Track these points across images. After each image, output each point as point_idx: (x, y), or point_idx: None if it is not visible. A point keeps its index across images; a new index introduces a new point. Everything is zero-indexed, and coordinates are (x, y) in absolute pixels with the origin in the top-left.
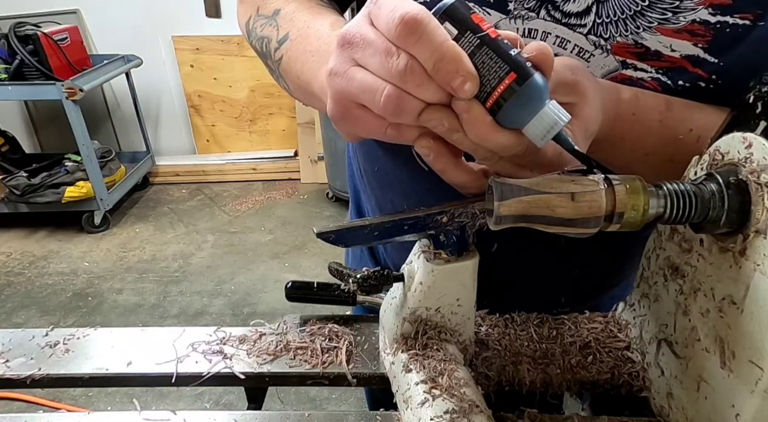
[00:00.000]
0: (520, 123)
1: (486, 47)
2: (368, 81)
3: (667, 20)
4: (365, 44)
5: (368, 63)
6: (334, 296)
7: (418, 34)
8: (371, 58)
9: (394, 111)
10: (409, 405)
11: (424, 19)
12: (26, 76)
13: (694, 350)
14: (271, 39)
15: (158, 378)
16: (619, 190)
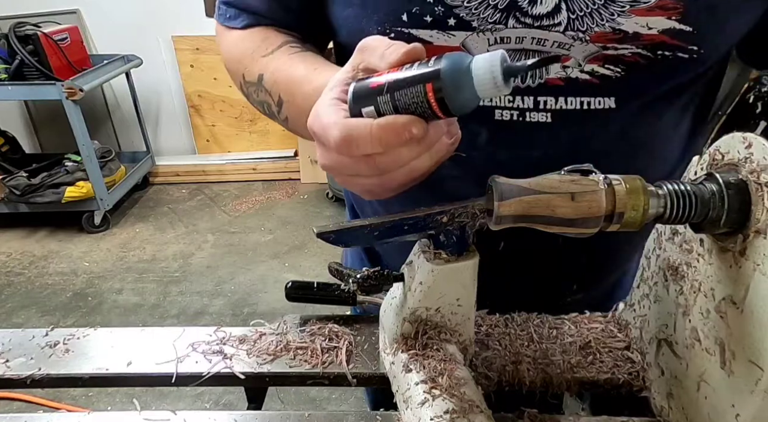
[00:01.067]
0: (477, 96)
1: (397, 92)
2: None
3: (638, 1)
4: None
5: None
6: (334, 296)
7: (354, 145)
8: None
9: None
10: (409, 405)
11: (348, 135)
12: (26, 76)
13: (694, 350)
14: (270, 104)
15: (158, 378)
16: (619, 190)
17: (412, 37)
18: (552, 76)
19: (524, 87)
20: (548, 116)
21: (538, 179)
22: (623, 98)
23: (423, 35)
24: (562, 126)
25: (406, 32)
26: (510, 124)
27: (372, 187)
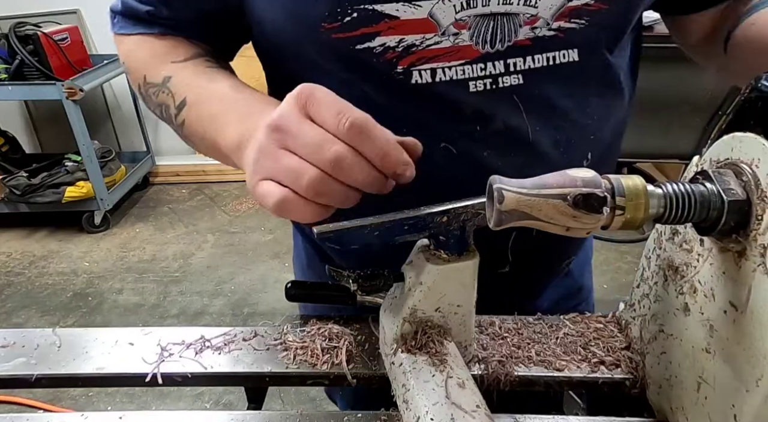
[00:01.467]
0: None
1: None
2: (294, 165)
3: None
4: (299, 134)
5: (298, 150)
6: (334, 296)
7: (365, 133)
8: (302, 147)
9: (316, 193)
10: (409, 406)
11: (369, 121)
12: (26, 76)
13: (695, 350)
14: (168, 105)
15: (158, 377)
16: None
17: (376, 12)
18: (521, 37)
19: (493, 51)
20: (519, 77)
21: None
22: (585, 49)
23: (388, 9)
24: (533, 85)
25: (370, 9)
26: (485, 93)
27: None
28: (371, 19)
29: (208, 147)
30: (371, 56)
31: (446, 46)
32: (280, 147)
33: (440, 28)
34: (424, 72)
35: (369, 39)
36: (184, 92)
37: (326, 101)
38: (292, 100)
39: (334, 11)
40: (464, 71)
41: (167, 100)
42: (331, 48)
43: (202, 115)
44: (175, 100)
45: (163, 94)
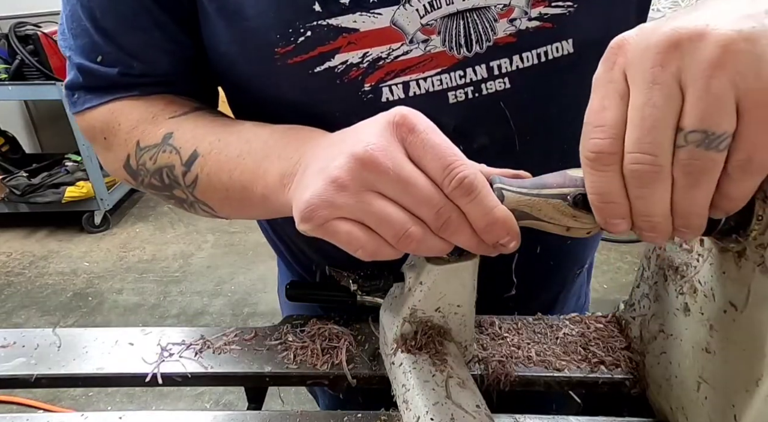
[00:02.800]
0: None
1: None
2: (390, 214)
3: None
4: (399, 180)
5: (397, 198)
6: (334, 296)
7: (474, 195)
8: (402, 196)
9: (416, 249)
10: (409, 406)
11: (480, 182)
12: (26, 76)
13: (695, 350)
14: (173, 165)
15: (158, 377)
16: None
17: (331, 27)
18: (501, 34)
19: (472, 55)
20: (505, 81)
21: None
22: (581, 39)
23: (345, 22)
24: (523, 88)
25: (324, 24)
26: (466, 104)
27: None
28: (327, 36)
29: (235, 197)
30: (334, 77)
31: (417, 55)
32: (368, 188)
33: (407, 36)
34: (396, 87)
35: (328, 58)
36: (194, 144)
37: (432, 143)
38: (388, 129)
39: (285, 32)
40: (441, 81)
41: (170, 160)
42: (289, 77)
43: (223, 163)
44: (182, 156)
45: (165, 153)
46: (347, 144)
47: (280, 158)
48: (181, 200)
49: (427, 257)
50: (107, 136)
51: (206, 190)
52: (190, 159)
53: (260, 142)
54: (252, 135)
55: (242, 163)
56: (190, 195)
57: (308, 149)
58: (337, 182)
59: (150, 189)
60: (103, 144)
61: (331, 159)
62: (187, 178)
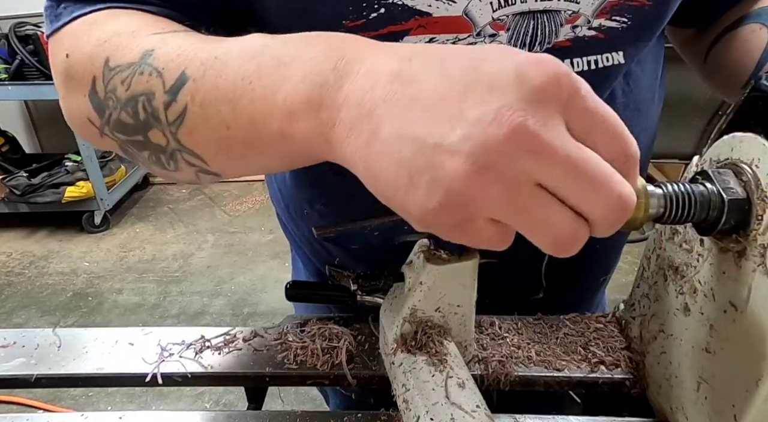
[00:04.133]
0: None
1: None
2: (554, 215)
3: None
4: (566, 160)
5: (560, 187)
6: (334, 296)
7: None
8: (572, 184)
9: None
10: (409, 406)
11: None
12: (26, 76)
13: (695, 350)
14: (153, 92)
15: (158, 377)
16: None
17: (406, 8)
18: (561, 38)
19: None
20: None
21: None
22: (630, 51)
23: (420, 5)
24: None
25: (400, 3)
26: None
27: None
28: (400, 16)
29: (240, 141)
30: None
31: None
32: (524, 179)
33: (476, 28)
34: None
35: (396, 39)
36: (181, 64)
37: (602, 112)
38: (546, 88)
39: (359, 6)
40: None
41: (149, 85)
42: None
43: (221, 90)
44: (165, 80)
45: (140, 76)
46: (474, 100)
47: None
48: (158, 149)
49: (427, 257)
50: (70, 52)
51: (197, 129)
52: (177, 84)
53: (272, 58)
54: (260, 48)
55: (249, 88)
56: (172, 137)
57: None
58: (477, 167)
59: (119, 130)
60: (64, 66)
61: (446, 121)
62: (171, 110)
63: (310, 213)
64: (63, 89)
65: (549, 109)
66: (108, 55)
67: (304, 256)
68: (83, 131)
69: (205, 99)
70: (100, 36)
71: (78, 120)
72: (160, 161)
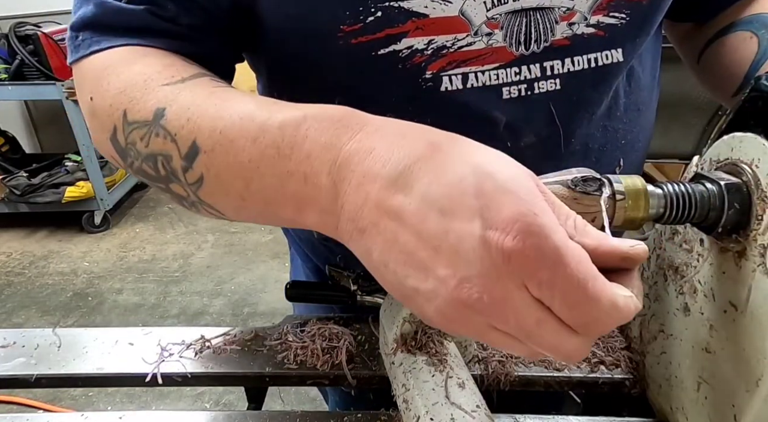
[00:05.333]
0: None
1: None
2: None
3: None
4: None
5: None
6: (334, 296)
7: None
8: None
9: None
10: (409, 406)
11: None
12: (26, 76)
13: (695, 350)
14: (170, 155)
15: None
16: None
17: (403, 10)
18: (558, 36)
19: (529, 53)
20: (557, 82)
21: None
22: (629, 48)
23: (416, 6)
24: (572, 90)
25: (396, 6)
26: (518, 101)
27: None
28: (397, 18)
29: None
30: (396, 61)
31: (479, 47)
32: (485, 330)
33: (472, 28)
34: (455, 77)
35: (394, 41)
36: (191, 132)
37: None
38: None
39: (356, 10)
40: (498, 76)
41: (165, 148)
42: (349, 56)
43: (233, 167)
44: (180, 147)
45: (156, 138)
46: (444, 258)
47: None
48: (181, 197)
49: None
50: (94, 96)
51: (215, 194)
52: (190, 153)
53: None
54: (258, 129)
55: (258, 172)
56: (193, 194)
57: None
58: (446, 318)
59: (142, 176)
60: (89, 106)
61: (421, 269)
62: (189, 175)
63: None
64: (89, 123)
65: (506, 283)
66: (125, 108)
67: (304, 255)
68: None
69: (219, 172)
70: (117, 85)
71: (104, 152)
72: (183, 204)
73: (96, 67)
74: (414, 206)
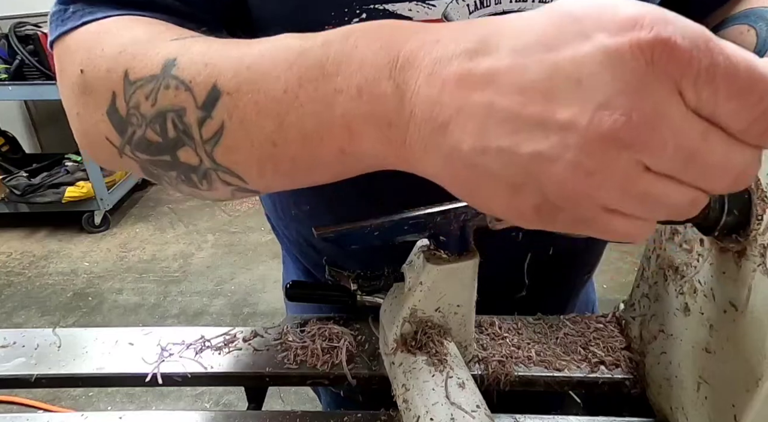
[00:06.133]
0: None
1: None
2: (668, 197)
3: None
4: (676, 151)
5: (674, 173)
6: (334, 296)
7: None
8: (685, 171)
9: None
10: (409, 406)
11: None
12: (26, 76)
13: (695, 350)
14: (184, 108)
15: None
16: None
17: (387, 12)
18: None
19: None
20: None
21: None
22: None
23: (401, 9)
24: None
25: (381, 8)
26: None
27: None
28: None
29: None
30: None
31: None
32: (631, 170)
33: None
34: None
35: None
36: (210, 75)
37: (721, 72)
38: (648, 69)
39: (341, 12)
40: None
41: (178, 100)
42: None
43: (263, 104)
44: (196, 94)
45: (167, 91)
46: (562, 99)
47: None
48: (189, 169)
49: (427, 257)
50: (85, 67)
51: (237, 147)
52: (209, 99)
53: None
54: (296, 54)
55: (296, 103)
56: (206, 156)
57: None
58: (582, 172)
59: (142, 151)
60: (79, 82)
61: (535, 128)
62: (206, 128)
63: (297, 214)
64: (77, 106)
65: (655, 92)
66: (127, 67)
67: (293, 256)
68: (99, 152)
69: (246, 115)
70: (114, 46)
71: (94, 140)
72: (191, 180)
73: (89, 35)
74: (507, 61)
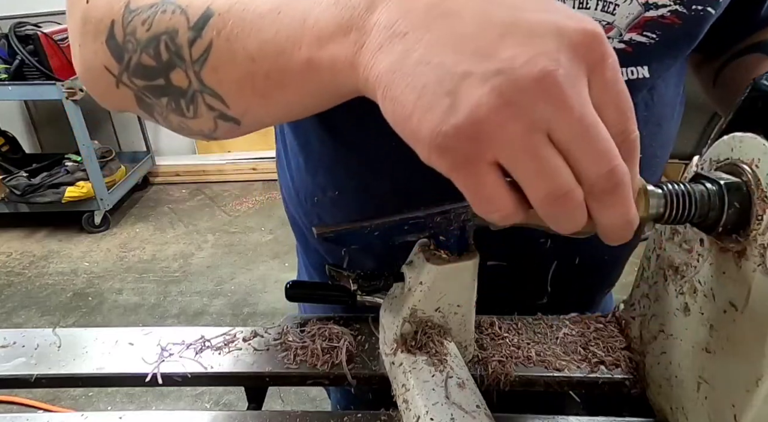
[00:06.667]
0: None
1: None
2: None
3: None
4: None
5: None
6: (334, 296)
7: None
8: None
9: (561, 218)
10: (409, 406)
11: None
12: (26, 76)
13: (694, 350)
14: (176, 30)
15: (158, 377)
16: None
17: None
18: None
19: None
20: None
21: None
22: (655, 67)
23: None
24: None
25: None
26: None
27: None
28: None
29: (264, 75)
30: None
31: None
32: (539, 125)
33: None
34: None
35: None
36: (205, 0)
37: (620, 86)
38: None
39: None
40: None
41: (172, 22)
42: None
43: (248, 22)
44: (190, 16)
45: (163, 15)
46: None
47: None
48: (179, 93)
49: (427, 257)
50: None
51: (221, 65)
52: (201, 20)
53: None
54: None
55: (278, 18)
56: (195, 77)
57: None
58: (502, 100)
59: (138, 76)
60: (83, 12)
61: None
62: (195, 47)
63: (321, 200)
64: (79, 37)
65: (579, 67)
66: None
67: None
68: (98, 82)
69: (232, 32)
70: None
71: (93, 70)
72: (180, 107)
73: None
74: (476, 3)
